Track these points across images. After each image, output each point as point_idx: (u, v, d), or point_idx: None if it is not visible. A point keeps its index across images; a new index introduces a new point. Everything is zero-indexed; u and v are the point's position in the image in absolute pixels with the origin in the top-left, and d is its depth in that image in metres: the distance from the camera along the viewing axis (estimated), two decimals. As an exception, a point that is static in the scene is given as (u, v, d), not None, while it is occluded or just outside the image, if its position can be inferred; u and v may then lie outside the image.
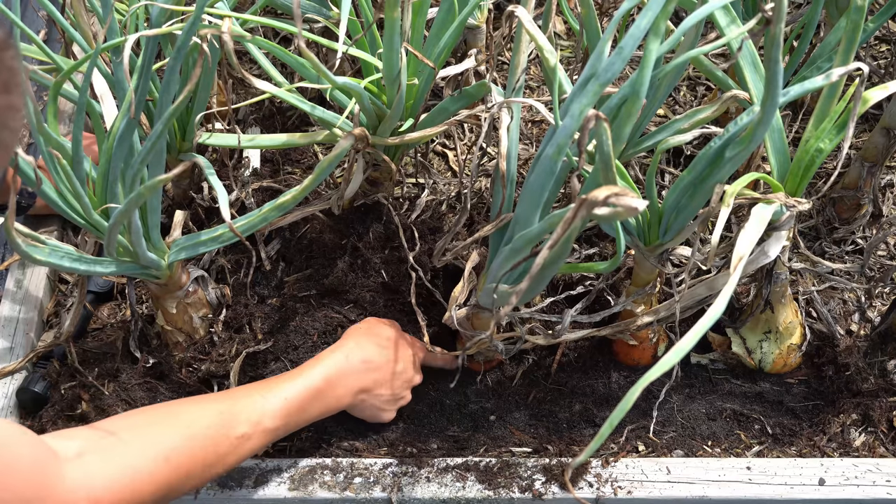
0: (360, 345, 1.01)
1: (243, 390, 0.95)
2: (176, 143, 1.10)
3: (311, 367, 0.98)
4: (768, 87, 0.70)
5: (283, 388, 0.94)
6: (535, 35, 0.84)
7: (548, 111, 0.85)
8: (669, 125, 0.97)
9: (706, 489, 0.99)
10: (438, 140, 1.37)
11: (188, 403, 0.92)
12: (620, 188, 0.58)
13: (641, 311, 1.05)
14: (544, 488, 0.98)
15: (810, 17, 1.06)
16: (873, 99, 0.88)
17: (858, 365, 1.08)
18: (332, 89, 1.02)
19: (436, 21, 1.03)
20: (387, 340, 1.04)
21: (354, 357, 1.00)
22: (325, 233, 1.18)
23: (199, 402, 0.92)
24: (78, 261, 0.94)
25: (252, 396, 0.92)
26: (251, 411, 0.90)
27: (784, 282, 1.05)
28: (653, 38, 0.71)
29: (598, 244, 1.21)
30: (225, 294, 1.15)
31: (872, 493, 0.99)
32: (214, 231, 1.00)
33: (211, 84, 1.06)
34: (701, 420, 1.09)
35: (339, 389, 0.98)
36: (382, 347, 1.03)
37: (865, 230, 1.24)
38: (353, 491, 0.99)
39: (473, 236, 0.96)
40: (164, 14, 0.90)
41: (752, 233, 0.80)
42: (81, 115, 0.86)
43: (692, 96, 1.42)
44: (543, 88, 1.43)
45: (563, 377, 1.11)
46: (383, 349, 1.02)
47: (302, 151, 1.33)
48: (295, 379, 0.95)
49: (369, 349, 1.01)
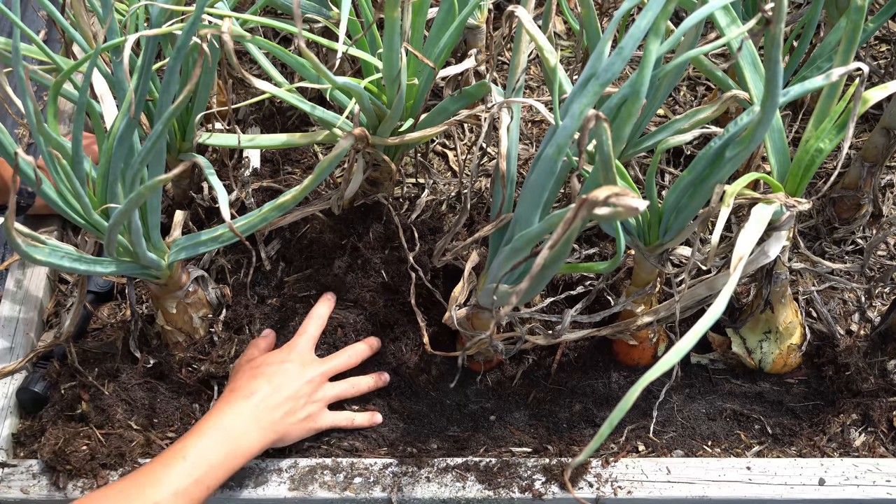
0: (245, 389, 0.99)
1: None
2: (176, 143, 1.10)
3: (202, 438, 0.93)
4: (768, 87, 0.70)
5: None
6: (535, 35, 0.84)
7: (548, 111, 0.85)
8: (669, 125, 0.97)
9: (706, 489, 0.99)
10: (438, 140, 1.37)
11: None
12: (620, 188, 0.58)
13: (641, 311, 1.05)
14: (544, 488, 0.98)
15: (810, 17, 1.06)
16: (873, 99, 0.88)
17: (858, 365, 1.08)
18: (332, 89, 1.02)
19: (436, 21, 1.03)
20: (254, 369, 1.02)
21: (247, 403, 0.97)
22: (325, 233, 1.18)
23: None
24: (78, 261, 0.94)
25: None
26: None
27: (784, 282, 1.05)
28: (653, 38, 0.71)
29: (598, 244, 1.21)
30: (225, 294, 1.15)
31: (872, 493, 0.99)
32: (214, 231, 1.00)
33: (211, 84, 1.06)
34: (701, 420, 1.09)
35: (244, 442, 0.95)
36: (259, 377, 1.00)
37: (865, 230, 1.24)
38: (353, 491, 0.99)
39: (473, 236, 0.96)
40: (164, 14, 0.90)
41: (752, 233, 0.80)
42: (81, 115, 0.86)
43: (692, 96, 1.42)
44: (543, 88, 1.43)
45: (563, 377, 1.11)
46: (261, 377, 1.00)
47: (302, 151, 1.33)
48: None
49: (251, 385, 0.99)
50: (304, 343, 1.07)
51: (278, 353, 1.06)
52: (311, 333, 1.09)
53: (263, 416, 0.97)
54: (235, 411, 0.96)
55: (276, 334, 1.12)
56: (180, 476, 0.88)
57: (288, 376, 1.01)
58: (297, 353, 1.06)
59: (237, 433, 0.94)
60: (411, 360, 1.10)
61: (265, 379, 1.00)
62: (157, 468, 0.89)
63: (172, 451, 0.91)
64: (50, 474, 1.01)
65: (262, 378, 1.00)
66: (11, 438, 1.06)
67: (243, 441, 0.94)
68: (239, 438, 0.94)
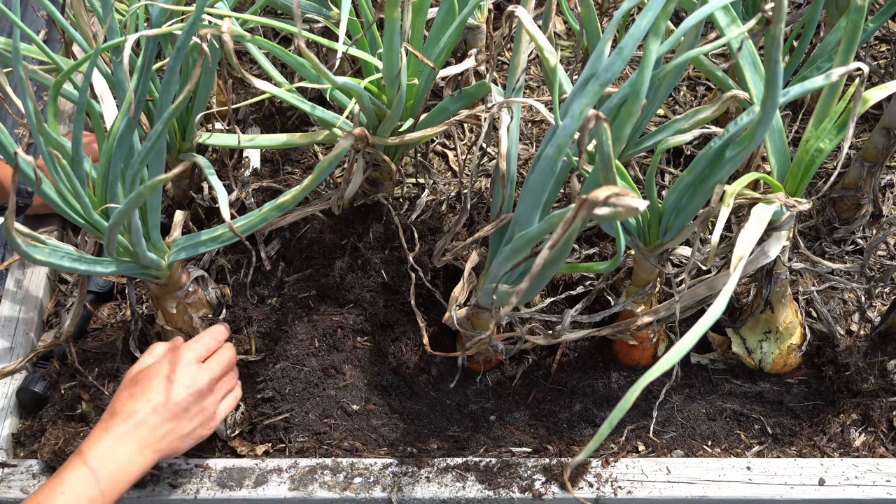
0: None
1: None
2: (176, 143, 1.10)
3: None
4: (768, 87, 0.70)
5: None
6: (535, 35, 0.84)
7: (548, 111, 0.85)
8: (669, 125, 0.97)
9: (706, 489, 0.99)
10: (438, 140, 1.37)
11: None
12: (621, 188, 0.58)
13: (641, 311, 1.05)
14: (544, 488, 0.98)
15: (810, 17, 1.06)
16: (873, 99, 0.88)
17: (858, 365, 1.08)
18: (332, 89, 1.02)
19: (436, 21, 1.03)
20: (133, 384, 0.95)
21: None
22: (325, 233, 1.18)
23: None
24: (78, 261, 0.94)
25: None
26: None
27: (784, 282, 1.05)
28: (653, 39, 0.71)
29: (598, 244, 1.21)
30: (225, 294, 1.15)
31: (872, 493, 0.99)
32: (214, 231, 1.00)
33: (211, 84, 1.06)
34: (701, 420, 1.09)
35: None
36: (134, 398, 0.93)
37: (865, 230, 1.24)
38: (353, 491, 0.99)
39: (473, 236, 0.96)
40: (164, 14, 0.90)
41: (752, 233, 0.80)
42: (81, 115, 0.86)
43: (692, 96, 1.42)
44: (543, 88, 1.43)
45: (563, 377, 1.11)
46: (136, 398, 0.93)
47: (302, 151, 1.33)
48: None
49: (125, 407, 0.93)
50: (189, 351, 0.98)
51: (159, 363, 0.97)
52: (204, 343, 1.00)
53: (147, 438, 0.91)
54: (114, 437, 0.90)
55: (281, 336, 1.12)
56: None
57: (170, 391, 0.94)
58: (182, 363, 0.97)
59: (117, 462, 0.89)
60: (411, 360, 1.10)
61: (145, 399, 0.93)
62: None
63: (49, 488, 0.86)
64: (50, 474, 1.01)
65: (143, 397, 0.93)
66: (11, 438, 1.06)
67: (124, 470, 0.89)
68: (119, 468, 0.89)
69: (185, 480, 1.00)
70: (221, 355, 1.00)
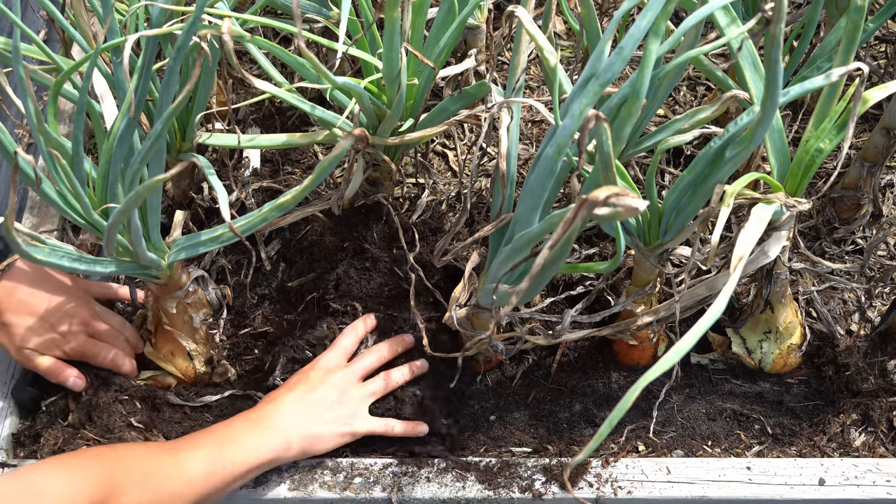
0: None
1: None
2: (176, 143, 1.10)
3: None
4: (768, 87, 0.70)
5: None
6: (535, 35, 0.84)
7: (548, 111, 0.85)
8: (669, 125, 0.97)
9: (706, 489, 0.99)
10: (438, 140, 1.37)
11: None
12: (621, 188, 0.58)
13: (641, 311, 1.05)
14: (544, 488, 0.98)
15: (810, 17, 1.06)
16: (873, 99, 0.88)
17: (858, 365, 1.08)
18: (332, 89, 1.02)
19: (436, 21, 1.03)
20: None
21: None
22: (325, 233, 1.18)
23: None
24: (78, 261, 0.94)
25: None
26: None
27: (784, 282, 1.05)
28: (653, 39, 0.71)
29: (598, 244, 1.21)
30: (226, 294, 1.15)
31: (872, 493, 0.99)
32: (214, 231, 1.00)
33: (211, 84, 1.06)
34: (701, 420, 1.09)
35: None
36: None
37: (865, 230, 1.24)
38: (353, 491, 0.99)
39: (473, 236, 0.96)
40: (164, 14, 0.90)
41: (752, 233, 0.80)
42: (81, 115, 0.86)
43: (692, 96, 1.42)
44: (543, 88, 1.43)
45: (563, 377, 1.11)
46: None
47: (302, 151, 1.33)
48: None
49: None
50: (333, 353, 1.06)
51: (309, 365, 1.05)
52: (343, 345, 1.07)
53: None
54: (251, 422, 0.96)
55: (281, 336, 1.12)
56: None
57: (311, 383, 1.01)
58: (324, 361, 1.05)
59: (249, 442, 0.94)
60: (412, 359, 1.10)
61: (287, 388, 1.00)
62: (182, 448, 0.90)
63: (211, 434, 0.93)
64: (50, 474, 1.01)
65: (285, 388, 1.01)
66: (11, 438, 1.06)
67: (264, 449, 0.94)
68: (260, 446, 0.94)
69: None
70: (376, 357, 1.07)
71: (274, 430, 0.95)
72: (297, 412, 0.97)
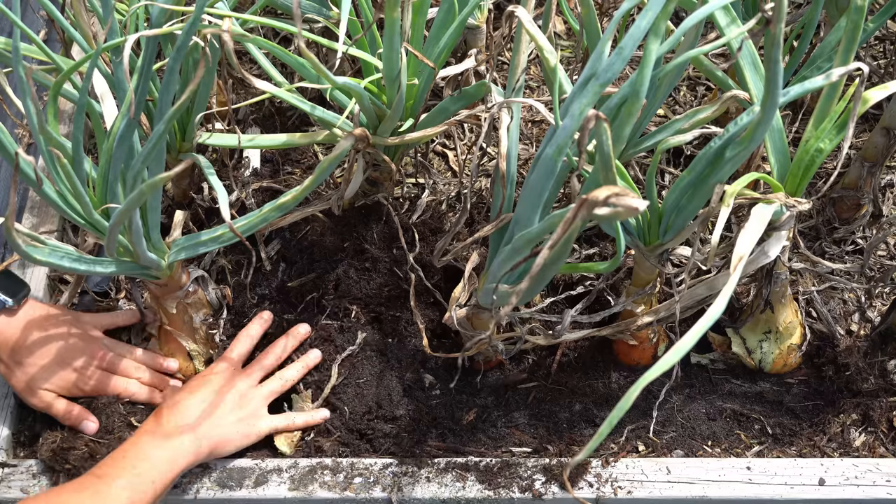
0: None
1: None
2: (176, 144, 1.10)
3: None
4: (768, 87, 0.70)
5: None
6: (535, 35, 0.84)
7: (548, 111, 0.85)
8: (669, 125, 0.97)
9: (706, 489, 0.99)
10: (438, 140, 1.37)
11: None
12: (620, 188, 0.58)
13: (641, 311, 1.05)
14: (544, 488, 0.98)
15: (810, 17, 1.06)
16: (873, 99, 0.88)
17: (858, 365, 1.08)
18: (332, 89, 1.02)
19: (436, 21, 1.03)
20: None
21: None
22: (325, 233, 1.18)
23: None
24: (78, 261, 0.94)
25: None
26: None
27: (784, 282, 1.05)
28: (653, 39, 0.71)
29: (598, 244, 1.21)
30: (226, 294, 1.15)
31: (872, 493, 0.99)
32: (214, 231, 1.00)
33: (211, 84, 1.06)
34: (701, 420, 1.09)
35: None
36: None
37: (865, 230, 1.24)
38: (353, 491, 0.99)
39: (473, 236, 0.96)
40: (164, 14, 0.90)
41: (752, 233, 0.80)
42: (81, 115, 0.86)
43: (692, 96, 1.42)
44: (543, 88, 1.43)
45: (563, 377, 1.11)
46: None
47: (302, 151, 1.33)
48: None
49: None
50: (227, 359, 1.07)
51: (207, 370, 1.06)
52: (238, 350, 1.08)
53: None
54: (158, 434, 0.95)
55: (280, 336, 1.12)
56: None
57: (211, 386, 1.01)
58: (220, 366, 1.05)
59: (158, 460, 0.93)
60: (412, 360, 1.10)
61: (188, 391, 1.00)
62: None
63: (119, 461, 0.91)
64: (50, 474, 1.01)
65: (186, 391, 1.01)
66: (11, 438, 1.06)
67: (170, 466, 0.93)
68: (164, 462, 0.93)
69: (186, 480, 1.00)
70: (271, 358, 1.08)
71: (183, 437, 0.95)
72: (202, 415, 0.98)
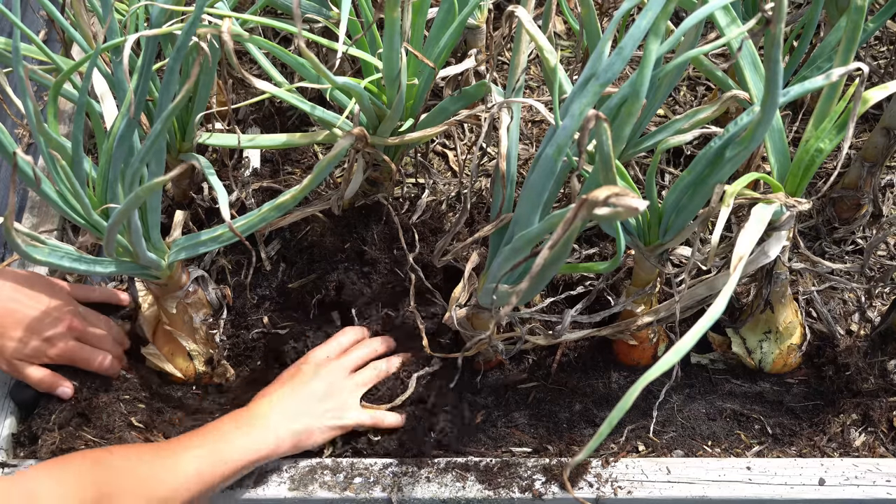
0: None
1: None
2: (176, 144, 1.10)
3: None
4: (768, 87, 0.70)
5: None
6: (535, 35, 0.84)
7: (548, 111, 0.85)
8: (669, 125, 0.97)
9: (706, 489, 0.99)
10: (438, 140, 1.37)
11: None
12: (620, 188, 0.58)
13: (641, 311, 1.05)
14: (544, 488, 0.98)
15: (810, 17, 1.06)
16: (873, 99, 0.88)
17: (858, 365, 1.08)
18: (332, 89, 1.02)
19: (436, 21, 1.03)
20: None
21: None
22: (325, 233, 1.18)
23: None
24: (78, 261, 0.94)
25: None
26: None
27: (784, 282, 1.05)
28: (653, 39, 0.71)
29: (598, 244, 1.21)
30: (226, 295, 1.15)
31: (872, 493, 0.99)
32: (214, 231, 1.00)
33: (211, 84, 1.06)
34: (701, 420, 1.08)
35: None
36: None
37: (865, 230, 1.24)
38: (353, 491, 0.99)
39: (473, 236, 0.96)
40: (164, 14, 0.90)
41: (752, 233, 0.80)
42: (81, 115, 0.86)
43: (692, 96, 1.42)
44: (543, 88, 1.43)
45: (564, 377, 1.11)
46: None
47: (302, 151, 1.33)
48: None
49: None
50: (326, 347, 1.08)
51: (302, 359, 1.07)
52: (339, 341, 1.09)
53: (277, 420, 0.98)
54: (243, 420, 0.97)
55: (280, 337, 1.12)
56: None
57: (301, 377, 1.02)
58: (315, 354, 1.06)
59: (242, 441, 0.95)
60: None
61: (278, 384, 1.02)
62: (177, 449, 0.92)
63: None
64: (50, 474, 1.01)
65: (277, 383, 1.02)
66: (11, 438, 1.06)
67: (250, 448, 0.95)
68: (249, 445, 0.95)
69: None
70: (365, 352, 1.08)
71: (264, 429, 0.96)
72: (287, 408, 0.98)
